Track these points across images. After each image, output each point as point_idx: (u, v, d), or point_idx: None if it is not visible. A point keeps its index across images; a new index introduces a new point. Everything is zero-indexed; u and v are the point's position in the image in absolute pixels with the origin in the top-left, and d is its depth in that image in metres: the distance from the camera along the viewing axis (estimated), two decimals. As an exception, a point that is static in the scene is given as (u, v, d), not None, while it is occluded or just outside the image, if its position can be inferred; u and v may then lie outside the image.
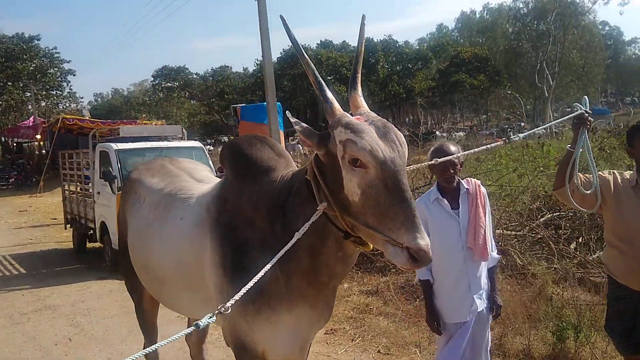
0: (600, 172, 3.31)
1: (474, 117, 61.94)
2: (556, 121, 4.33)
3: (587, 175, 3.32)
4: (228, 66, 65.14)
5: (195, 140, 14.15)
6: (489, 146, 3.40)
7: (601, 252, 4.88)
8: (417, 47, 46.37)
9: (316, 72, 2.20)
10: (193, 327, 1.87)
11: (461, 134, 33.51)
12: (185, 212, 2.99)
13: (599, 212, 3.40)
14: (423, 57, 41.59)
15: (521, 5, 42.62)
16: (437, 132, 36.47)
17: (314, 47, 42.95)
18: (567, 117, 3.42)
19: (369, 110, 2.28)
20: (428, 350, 5.09)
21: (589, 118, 3.18)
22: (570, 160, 3.16)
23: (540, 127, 3.19)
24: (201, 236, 2.76)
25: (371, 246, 2.22)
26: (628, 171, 3.41)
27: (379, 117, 2.20)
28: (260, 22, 12.94)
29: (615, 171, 3.39)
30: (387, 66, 38.68)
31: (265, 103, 13.17)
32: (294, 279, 2.43)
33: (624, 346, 3.34)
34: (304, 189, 2.33)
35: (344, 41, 45.01)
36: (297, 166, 2.83)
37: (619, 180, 3.28)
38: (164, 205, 3.19)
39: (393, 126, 2.17)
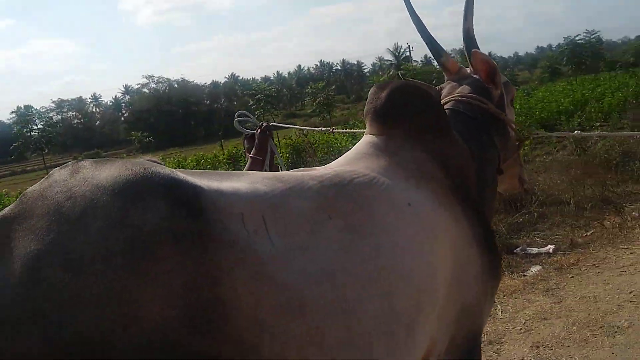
0: None
1: None
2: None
3: None
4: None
5: None
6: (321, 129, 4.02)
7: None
8: None
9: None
10: None
11: None
12: (403, 194, 1.73)
13: None
14: None
15: None
16: None
17: None
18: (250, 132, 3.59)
19: None
20: None
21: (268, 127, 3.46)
22: (263, 166, 3.35)
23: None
24: (447, 221, 1.80)
25: None
26: None
27: None
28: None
29: None
30: None
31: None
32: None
33: None
34: (483, 133, 2.19)
35: None
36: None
37: None
38: (340, 204, 1.56)
39: None
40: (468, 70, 2.38)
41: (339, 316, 1.36)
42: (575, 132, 2.72)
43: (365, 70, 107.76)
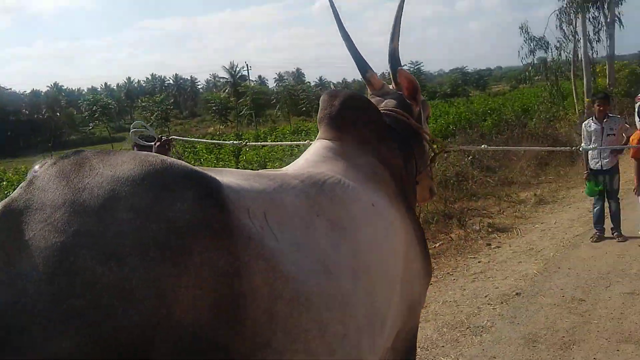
0: None
1: None
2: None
3: None
4: None
5: None
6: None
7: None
8: None
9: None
10: None
11: None
12: (366, 195, 1.83)
13: None
14: None
15: None
16: None
17: None
18: (147, 144, 3.76)
19: None
20: None
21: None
22: None
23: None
24: (399, 221, 1.93)
25: None
26: None
27: None
28: None
29: None
30: None
31: None
32: None
33: None
34: (406, 146, 2.30)
35: None
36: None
37: None
38: (322, 203, 1.61)
39: None
40: (391, 87, 2.53)
41: (337, 310, 1.41)
42: (482, 145, 3.04)
43: (199, 87, 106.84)
